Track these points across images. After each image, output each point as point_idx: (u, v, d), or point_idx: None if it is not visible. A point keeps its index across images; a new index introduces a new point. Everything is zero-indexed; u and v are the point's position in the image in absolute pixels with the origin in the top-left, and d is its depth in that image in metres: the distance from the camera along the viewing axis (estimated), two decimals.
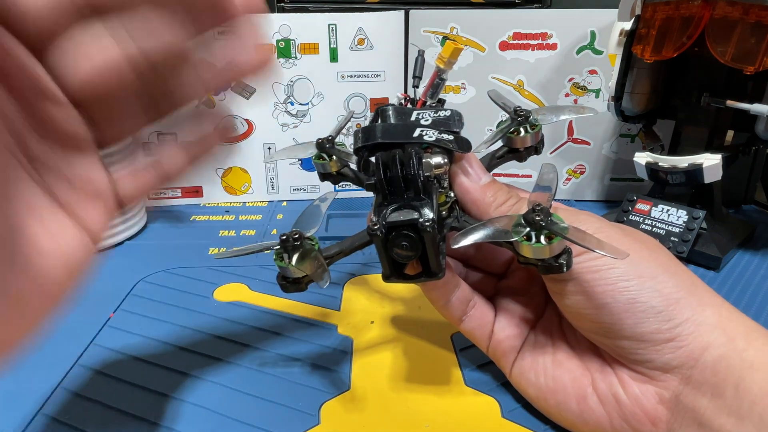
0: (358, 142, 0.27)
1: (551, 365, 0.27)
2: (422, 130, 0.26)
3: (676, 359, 0.23)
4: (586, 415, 0.25)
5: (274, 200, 0.59)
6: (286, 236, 0.26)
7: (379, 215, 0.24)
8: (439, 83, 0.29)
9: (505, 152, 0.31)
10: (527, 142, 0.31)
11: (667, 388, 0.23)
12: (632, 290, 0.23)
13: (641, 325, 0.23)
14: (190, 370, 0.31)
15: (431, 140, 0.26)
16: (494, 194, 0.27)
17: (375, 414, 0.28)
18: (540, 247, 0.22)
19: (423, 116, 0.28)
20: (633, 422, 0.24)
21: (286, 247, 0.26)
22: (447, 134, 0.26)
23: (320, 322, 0.36)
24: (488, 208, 0.26)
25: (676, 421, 0.23)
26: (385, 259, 0.25)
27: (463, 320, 0.29)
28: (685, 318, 0.23)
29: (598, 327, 0.24)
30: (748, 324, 0.23)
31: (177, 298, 0.39)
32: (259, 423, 0.28)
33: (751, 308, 0.38)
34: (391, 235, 0.24)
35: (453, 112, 0.28)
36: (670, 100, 0.49)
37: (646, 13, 0.43)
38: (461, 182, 0.27)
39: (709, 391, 0.22)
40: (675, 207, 0.45)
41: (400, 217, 0.23)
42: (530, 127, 0.30)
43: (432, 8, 0.55)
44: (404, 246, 0.24)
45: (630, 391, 0.24)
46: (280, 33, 0.54)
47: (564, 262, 0.23)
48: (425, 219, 0.23)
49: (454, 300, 0.28)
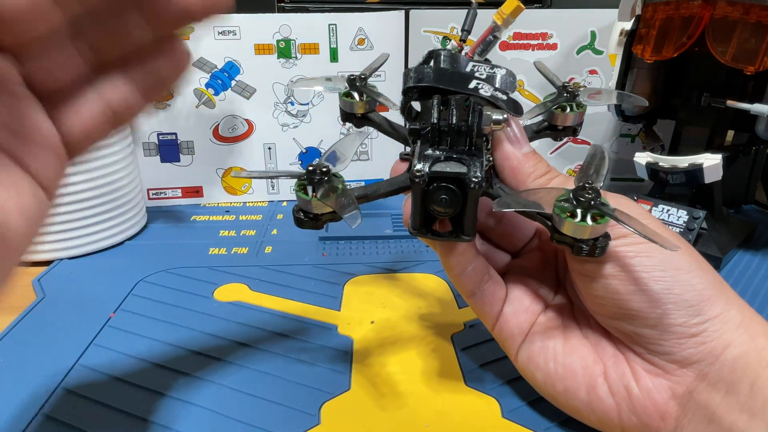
0: (409, 82, 0.25)
1: (562, 351, 0.26)
2: (478, 83, 0.24)
3: (697, 354, 0.23)
4: (595, 404, 0.25)
5: (274, 200, 0.59)
6: (314, 167, 0.23)
7: (425, 161, 0.22)
8: (491, 41, 0.28)
9: (544, 127, 0.30)
10: (568, 121, 0.29)
11: (682, 383, 0.23)
12: (668, 280, 0.23)
13: (670, 316, 0.23)
14: (190, 370, 0.31)
15: (487, 95, 0.24)
16: (534, 165, 0.26)
17: (375, 414, 0.28)
18: (583, 226, 0.21)
19: (478, 69, 0.26)
20: (642, 415, 0.24)
21: (312, 179, 0.23)
22: (501, 93, 0.25)
23: (320, 322, 0.36)
24: (526, 178, 0.26)
25: (685, 417, 0.23)
26: (419, 210, 0.23)
27: (474, 293, 0.28)
28: (713, 315, 0.23)
29: (623, 313, 0.24)
30: (767, 325, 0.23)
31: (177, 298, 0.39)
32: (259, 423, 0.28)
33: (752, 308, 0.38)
34: (433, 186, 0.22)
35: (508, 71, 0.26)
36: (671, 100, 0.49)
37: (647, 13, 0.43)
38: (504, 148, 0.26)
39: (724, 389, 0.22)
40: (675, 207, 0.45)
41: (447, 168, 0.22)
42: (576, 106, 0.29)
43: (432, 8, 0.55)
44: (443, 200, 0.22)
45: (642, 383, 0.24)
46: (280, 33, 0.54)
47: (601, 246, 0.22)
48: (474, 175, 0.21)
49: (470, 270, 0.27)
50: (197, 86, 0.54)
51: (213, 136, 0.56)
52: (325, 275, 0.43)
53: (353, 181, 0.59)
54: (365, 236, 0.49)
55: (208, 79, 0.54)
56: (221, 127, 0.56)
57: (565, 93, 0.29)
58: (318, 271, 0.43)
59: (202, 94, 0.55)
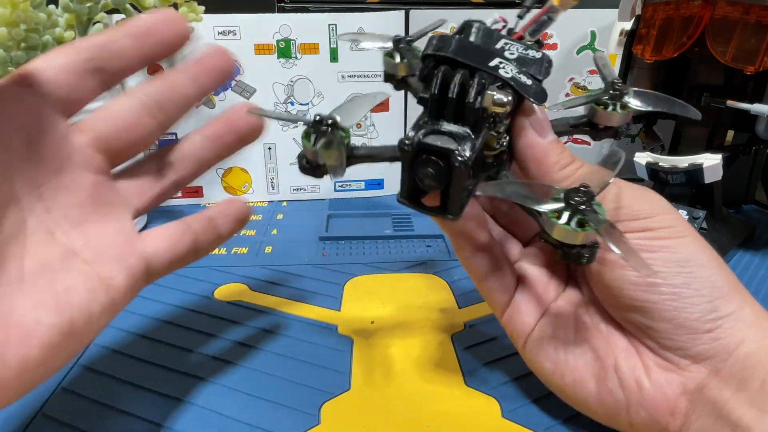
0: (429, 49, 0.24)
1: (573, 342, 0.26)
2: (501, 62, 0.23)
3: (711, 350, 0.23)
4: (604, 397, 0.25)
5: (274, 200, 0.59)
6: (321, 119, 0.23)
7: (417, 131, 0.22)
8: (546, 21, 0.27)
9: (583, 123, 0.28)
10: (612, 121, 0.27)
11: (693, 379, 0.23)
12: (687, 275, 0.23)
13: (686, 311, 0.23)
14: (190, 370, 0.31)
15: (506, 76, 0.23)
16: (559, 154, 0.25)
17: (375, 414, 0.28)
18: (565, 229, 0.20)
19: (510, 48, 0.24)
20: (651, 410, 0.24)
21: (317, 129, 0.23)
22: (528, 77, 0.23)
23: (320, 322, 0.36)
24: (552, 167, 0.24)
25: (694, 413, 0.23)
26: (407, 179, 0.23)
27: (486, 279, 0.28)
28: (729, 312, 0.23)
29: (638, 306, 0.24)
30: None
31: (177, 298, 0.39)
32: (259, 423, 0.28)
33: None
34: (422, 157, 0.22)
35: (545, 55, 0.24)
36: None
37: (647, 13, 0.43)
38: (527, 135, 0.24)
39: (735, 385, 0.22)
40: (675, 207, 0.45)
41: (437, 142, 0.21)
42: (621, 107, 0.26)
43: (432, 8, 0.55)
44: (429, 173, 0.22)
45: (654, 378, 0.24)
46: (280, 33, 0.54)
47: (586, 255, 0.21)
48: (460, 154, 0.21)
49: (480, 254, 0.27)
50: None
51: None
52: (325, 275, 0.43)
53: (353, 181, 0.59)
54: (365, 236, 0.49)
55: None
56: None
57: (612, 90, 0.27)
58: (318, 271, 0.43)
59: None
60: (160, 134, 0.25)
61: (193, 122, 0.27)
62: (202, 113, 0.55)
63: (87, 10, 0.42)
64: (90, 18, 0.43)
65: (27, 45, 0.39)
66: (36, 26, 0.38)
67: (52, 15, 0.40)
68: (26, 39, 0.38)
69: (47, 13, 0.40)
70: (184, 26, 0.24)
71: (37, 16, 0.38)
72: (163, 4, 0.44)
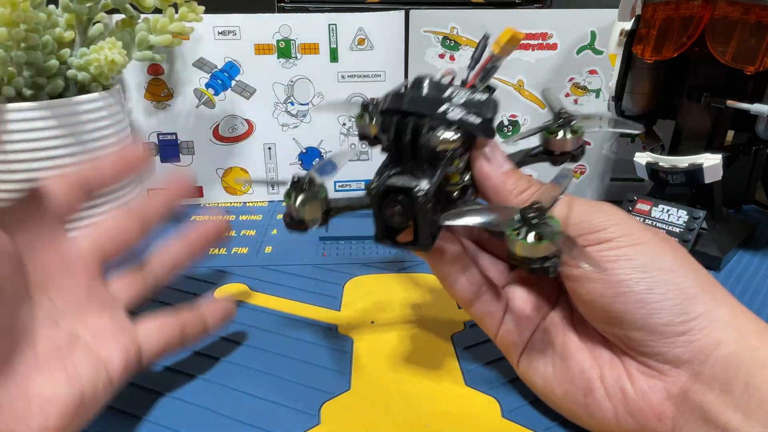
0: (384, 104, 0.27)
1: (561, 356, 0.27)
2: (449, 107, 0.26)
3: (687, 353, 0.23)
4: (592, 407, 0.25)
5: (274, 200, 0.59)
6: (299, 178, 0.26)
7: (380, 176, 0.25)
8: (491, 68, 0.29)
9: (540, 152, 0.30)
10: (565, 147, 0.30)
11: (676, 383, 0.23)
12: (649, 281, 0.23)
13: (655, 317, 0.23)
14: (190, 370, 0.31)
15: (454, 118, 0.25)
16: (515, 182, 0.26)
17: (375, 414, 0.28)
18: (526, 245, 0.22)
19: (457, 94, 0.27)
20: (639, 417, 0.24)
21: (297, 188, 0.26)
22: (475, 117, 0.26)
23: (320, 322, 0.36)
24: (508, 195, 0.26)
25: (681, 417, 0.23)
26: (379, 220, 0.25)
27: (474, 305, 0.29)
28: (699, 313, 0.23)
29: (611, 317, 0.24)
30: (760, 324, 0.23)
31: (177, 298, 0.39)
32: (259, 423, 0.28)
33: (752, 308, 0.37)
34: (388, 198, 0.24)
35: (490, 98, 0.27)
36: (671, 100, 0.49)
37: (647, 13, 0.43)
38: (482, 167, 0.27)
39: (718, 387, 0.22)
40: (675, 207, 0.45)
41: (398, 182, 0.24)
42: (571, 132, 0.30)
43: (432, 8, 0.55)
44: (396, 211, 0.24)
45: (638, 385, 0.24)
46: (280, 33, 0.54)
47: (549, 266, 0.23)
48: (419, 189, 0.24)
49: (463, 281, 0.28)
50: (197, 86, 0.54)
51: (213, 136, 0.56)
52: (325, 275, 0.43)
53: (354, 181, 0.59)
54: (365, 236, 0.49)
55: (208, 79, 0.54)
56: (221, 127, 0.56)
57: (560, 119, 0.30)
58: (318, 271, 0.43)
59: (202, 94, 0.55)
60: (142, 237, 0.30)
61: (193, 122, 0.28)
62: (201, 113, 0.55)
63: (87, 10, 0.42)
64: (90, 18, 0.43)
65: (27, 45, 0.39)
66: (36, 26, 0.38)
67: (52, 15, 0.40)
68: (26, 39, 0.38)
69: (47, 13, 0.40)
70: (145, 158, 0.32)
71: (37, 16, 0.38)
72: (164, 4, 0.44)
